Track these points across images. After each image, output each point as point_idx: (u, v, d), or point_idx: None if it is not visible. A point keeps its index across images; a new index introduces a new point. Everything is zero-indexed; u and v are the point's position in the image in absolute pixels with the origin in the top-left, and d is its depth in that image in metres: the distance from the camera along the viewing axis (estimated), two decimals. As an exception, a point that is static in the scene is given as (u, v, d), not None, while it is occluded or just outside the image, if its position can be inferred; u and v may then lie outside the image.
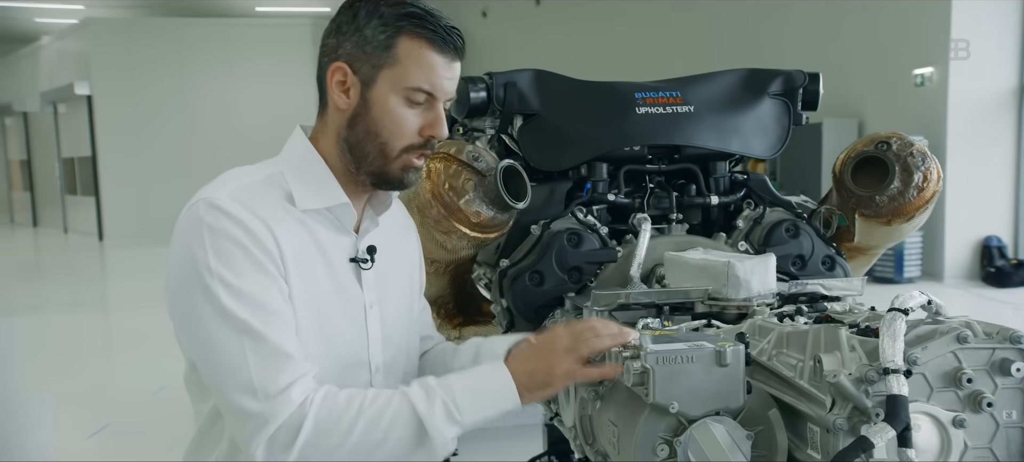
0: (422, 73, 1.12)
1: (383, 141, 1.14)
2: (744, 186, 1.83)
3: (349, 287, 1.19)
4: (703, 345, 1.09)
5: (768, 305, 1.42)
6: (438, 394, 1.07)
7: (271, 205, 1.12)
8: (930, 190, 1.66)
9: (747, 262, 1.42)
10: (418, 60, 1.12)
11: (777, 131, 1.85)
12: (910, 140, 1.70)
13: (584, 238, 1.66)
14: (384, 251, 1.24)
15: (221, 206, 1.07)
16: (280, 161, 1.19)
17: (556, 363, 1.09)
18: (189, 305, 1.07)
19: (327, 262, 1.16)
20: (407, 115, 1.14)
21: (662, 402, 1.06)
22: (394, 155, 1.15)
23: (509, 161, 1.60)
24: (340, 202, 1.17)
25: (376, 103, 1.13)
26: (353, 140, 1.16)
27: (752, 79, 1.88)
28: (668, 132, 1.77)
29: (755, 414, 1.14)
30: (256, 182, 1.14)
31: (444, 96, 1.16)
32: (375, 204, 1.25)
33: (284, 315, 1.08)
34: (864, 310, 1.33)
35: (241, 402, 1.04)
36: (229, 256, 1.05)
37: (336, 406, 1.05)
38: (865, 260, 1.87)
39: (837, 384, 1.02)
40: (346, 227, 1.20)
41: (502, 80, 1.79)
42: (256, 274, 1.06)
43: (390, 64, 1.12)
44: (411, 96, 1.13)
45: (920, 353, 1.04)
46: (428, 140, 1.16)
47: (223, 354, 1.05)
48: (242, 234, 1.06)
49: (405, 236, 1.35)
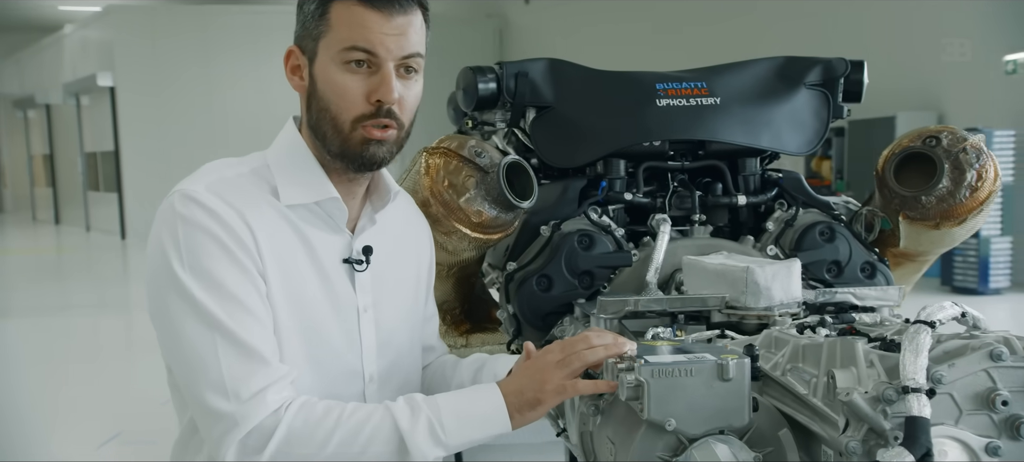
0: (354, 31, 1.13)
1: (333, 114, 1.15)
2: (776, 185, 1.80)
3: (340, 289, 1.20)
4: (704, 357, 1.08)
5: (792, 315, 1.40)
6: (423, 411, 1.08)
7: (252, 198, 1.14)
8: (985, 190, 1.61)
9: (768, 268, 1.39)
10: (349, 20, 1.13)
11: (814, 125, 1.81)
12: (963, 134, 1.65)
13: (596, 240, 1.66)
14: (384, 252, 1.24)
15: (196, 198, 1.10)
16: (268, 154, 1.21)
17: (546, 378, 1.10)
18: (162, 302, 1.09)
19: (315, 261, 1.17)
20: (349, 82, 1.14)
21: (658, 419, 1.06)
22: (347, 128, 1.15)
23: (513, 156, 1.60)
24: (328, 196, 1.18)
25: (320, 76, 1.15)
26: (312, 122, 1.18)
27: (787, 68, 1.84)
28: (691, 126, 1.76)
29: (764, 434, 1.12)
30: (239, 175, 1.16)
31: (388, 54, 1.14)
32: (374, 201, 1.26)
33: (259, 314, 1.09)
34: (897, 323, 1.30)
35: (212, 402, 1.05)
36: (203, 250, 1.07)
37: (312, 416, 1.07)
38: (914, 267, 1.83)
39: (850, 403, 1.00)
40: (339, 225, 1.21)
41: (513, 70, 1.79)
42: (231, 269, 1.08)
43: (326, 32, 1.14)
44: (348, 58, 1.13)
45: (946, 371, 1.01)
46: (378, 106, 1.15)
47: (194, 351, 1.07)
48: (217, 227, 1.08)
49: (413, 237, 1.35)
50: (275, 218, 1.15)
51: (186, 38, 13.78)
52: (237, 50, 14.05)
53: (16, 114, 20.08)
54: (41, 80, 17.30)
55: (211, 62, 13.98)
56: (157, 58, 13.70)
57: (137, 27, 13.77)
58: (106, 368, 5.96)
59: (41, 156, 19.23)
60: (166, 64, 13.71)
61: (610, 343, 1.12)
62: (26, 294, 9.26)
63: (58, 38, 16.56)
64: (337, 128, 1.15)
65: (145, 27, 13.78)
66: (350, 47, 1.12)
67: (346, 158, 1.18)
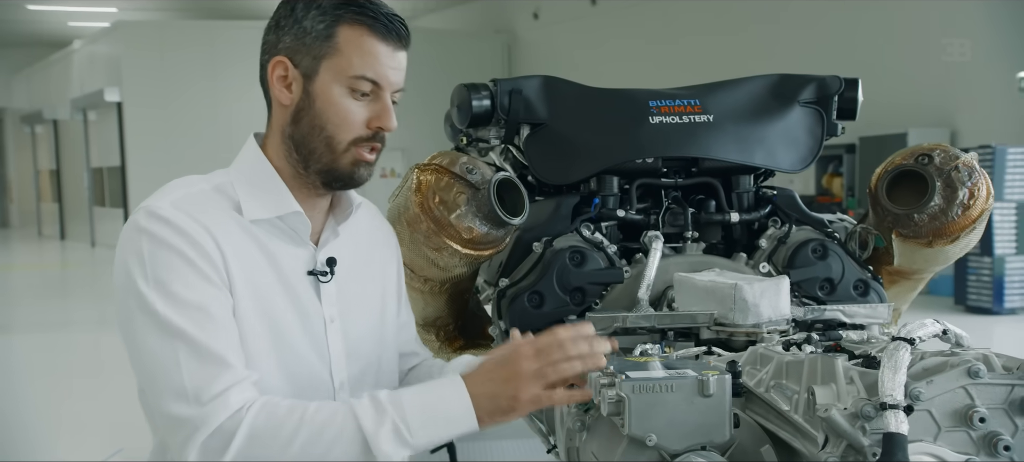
0: (365, 61, 1.17)
1: (329, 134, 1.18)
2: (770, 202, 1.83)
3: (306, 301, 1.22)
4: (685, 373, 1.10)
5: (781, 332, 1.42)
6: (388, 413, 1.08)
7: (216, 214, 1.16)
8: (978, 209, 1.63)
9: (756, 285, 1.42)
10: (360, 48, 1.16)
11: (808, 142, 1.84)
12: (956, 152, 1.67)
13: (588, 257, 1.68)
14: (349, 263, 1.27)
15: (161, 214, 1.12)
16: (231, 171, 1.24)
17: (521, 389, 1.10)
18: (127, 316, 1.12)
19: (279, 275, 1.20)
20: (352, 106, 1.18)
21: (638, 434, 1.08)
22: (342, 148, 1.19)
23: (505, 173, 1.63)
24: (290, 210, 1.21)
25: (319, 95, 1.18)
26: (298, 136, 1.20)
27: (781, 86, 1.87)
28: (684, 143, 1.78)
29: (745, 450, 1.14)
30: (203, 191, 1.19)
31: (390, 86, 1.19)
32: (336, 213, 1.29)
33: (223, 321, 1.11)
34: (883, 341, 1.31)
35: (173, 408, 1.07)
36: (167, 264, 1.10)
37: (275, 416, 1.08)
38: (909, 285, 1.84)
39: (829, 418, 1.02)
40: (302, 238, 1.23)
41: (507, 87, 1.83)
42: (196, 280, 1.10)
43: (331, 54, 1.16)
44: (355, 85, 1.17)
45: (924, 387, 1.03)
46: (376, 132, 1.20)
47: (156, 362, 1.09)
48: (182, 242, 1.11)
49: (379, 246, 1.37)
50: (239, 233, 1.17)
51: (193, 53, 13.90)
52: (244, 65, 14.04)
53: (24, 129, 20.28)
54: (49, 95, 17.49)
55: (218, 77, 14.09)
56: (164, 73, 13.83)
57: (145, 43, 13.91)
58: (108, 384, 6.00)
59: (48, 171, 19.40)
60: (173, 79, 13.83)
61: (586, 354, 1.13)
62: (30, 309, 9.34)
63: (67, 54, 16.76)
64: (331, 147, 1.19)
65: (153, 42, 13.92)
66: (360, 76, 1.17)
67: (330, 175, 1.21)
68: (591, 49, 12.40)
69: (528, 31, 14.11)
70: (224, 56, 14.19)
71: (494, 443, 3.47)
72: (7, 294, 10.79)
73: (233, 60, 14.13)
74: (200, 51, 14.04)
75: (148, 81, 13.82)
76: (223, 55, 14.19)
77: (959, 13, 7.89)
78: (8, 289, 11.33)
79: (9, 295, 10.68)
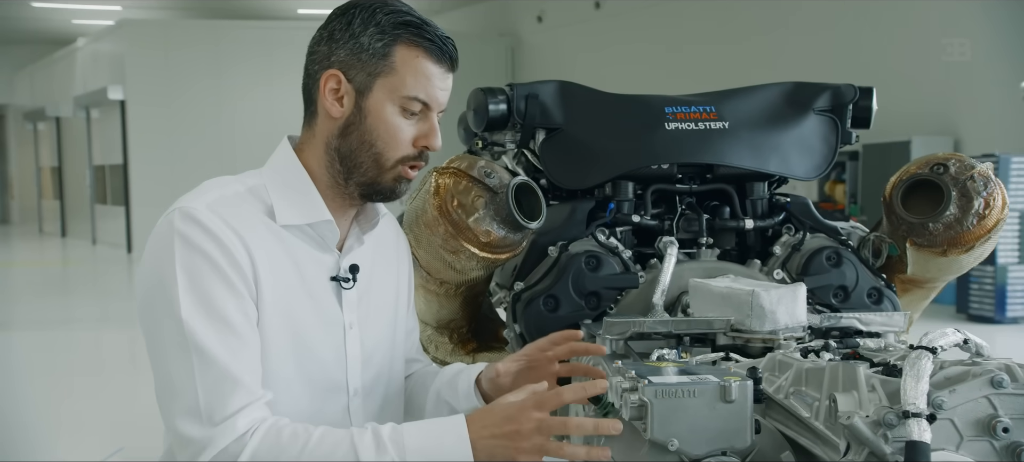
0: (419, 83, 1.19)
1: (378, 151, 1.20)
2: (784, 209, 1.83)
3: (328, 307, 1.23)
4: (707, 379, 1.10)
5: (797, 339, 1.42)
6: (389, 451, 1.08)
7: (250, 219, 1.17)
8: (993, 218, 1.64)
9: (773, 292, 1.42)
10: (415, 70, 1.19)
11: (822, 150, 1.84)
12: (971, 162, 1.67)
13: (603, 261, 1.69)
14: (369, 270, 1.28)
15: (197, 217, 1.12)
16: (264, 173, 1.24)
17: (523, 444, 1.08)
18: (152, 317, 1.12)
19: (305, 281, 1.20)
20: (402, 125, 1.20)
21: (661, 439, 1.08)
22: (389, 165, 1.21)
23: (522, 178, 1.64)
24: (322, 219, 1.21)
25: (371, 112, 1.19)
26: (345, 150, 1.21)
27: (796, 94, 1.88)
28: (699, 150, 1.79)
29: (766, 455, 1.15)
30: (238, 193, 1.19)
31: (438, 107, 1.23)
32: (361, 222, 1.30)
33: (246, 338, 1.12)
34: (901, 349, 1.32)
35: (183, 426, 1.08)
36: (198, 270, 1.10)
37: (278, 442, 1.08)
38: (922, 294, 1.85)
39: (851, 426, 1.03)
40: (328, 245, 1.24)
41: (523, 92, 1.84)
42: (223, 292, 1.11)
43: (387, 72, 1.18)
44: (407, 105, 1.19)
45: (947, 396, 1.03)
46: (422, 151, 1.22)
47: (173, 370, 1.09)
48: (214, 249, 1.11)
49: (395, 255, 1.38)
50: (269, 238, 1.18)
51: (197, 52, 13.91)
52: (248, 65, 14.17)
53: (26, 126, 20.30)
54: (52, 93, 17.50)
55: (222, 77, 14.10)
56: (168, 72, 13.83)
57: (149, 41, 13.92)
58: (111, 382, 6.01)
59: (49, 168, 19.41)
60: (177, 78, 13.83)
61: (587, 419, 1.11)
62: (31, 307, 9.33)
63: (70, 51, 16.77)
64: (378, 163, 1.21)
65: (157, 41, 13.93)
66: (414, 97, 1.19)
67: (371, 189, 1.23)
68: (595, 53, 12.41)
69: (532, 34, 14.12)
70: (229, 56, 14.21)
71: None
72: (7, 291, 10.79)
73: (238, 60, 14.15)
74: (205, 50, 14.05)
75: (152, 79, 13.83)
76: (228, 55, 14.21)
77: (963, 19, 7.90)
78: (8, 286, 11.32)
79: (9, 292, 10.67)
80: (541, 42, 13.94)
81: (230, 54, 14.23)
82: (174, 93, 13.90)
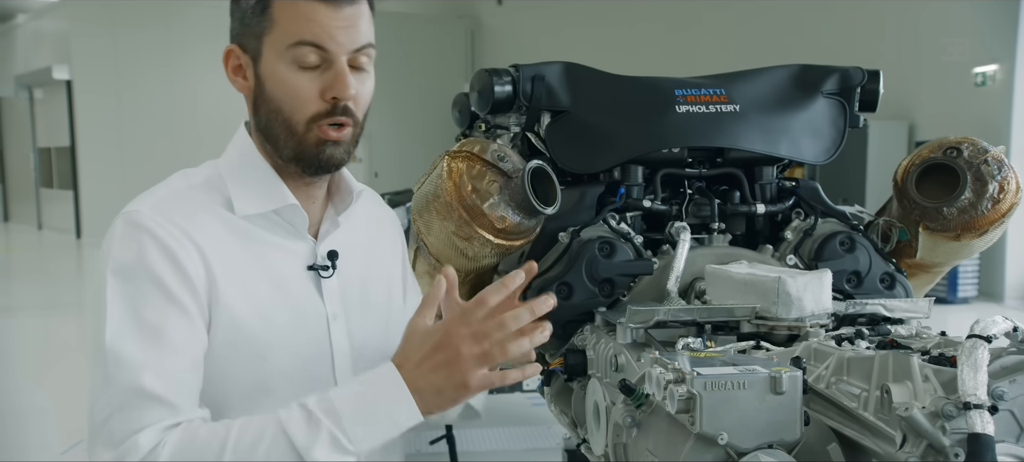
0: (301, 25, 1.06)
1: (285, 116, 1.10)
2: (793, 194, 1.81)
3: (305, 299, 1.15)
4: (756, 370, 1.06)
5: (822, 326, 1.39)
6: (323, 424, 0.99)
7: (200, 215, 1.09)
8: (1007, 202, 1.63)
9: (800, 278, 1.39)
10: (294, 14, 1.07)
11: (831, 134, 1.82)
12: (984, 146, 1.67)
13: (617, 248, 1.64)
14: (352, 254, 1.19)
15: (139, 221, 1.05)
16: (220, 163, 1.16)
17: (468, 376, 1.01)
18: (96, 315, 1.04)
19: (274, 273, 1.12)
20: (300, 80, 1.08)
21: (710, 432, 1.04)
22: (301, 129, 1.10)
23: (538, 162, 1.57)
24: (285, 204, 1.13)
25: (268, 76, 1.10)
26: (262, 125, 1.13)
27: (804, 76, 1.85)
28: (710, 133, 1.75)
29: (812, 448, 1.12)
30: (191, 187, 1.12)
31: (340, 48, 1.08)
32: (336, 203, 1.21)
33: (177, 347, 1.03)
34: (932, 335, 1.30)
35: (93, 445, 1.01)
36: (135, 278, 1.03)
37: (193, 447, 0.99)
38: (927, 278, 1.84)
39: (910, 418, 1.00)
40: (300, 231, 1.16)
41: (529, 73, 1.77)
42: (159, 302, 1.03)
43: (269, 28, 1.08)
44: (298, 56, 1.08)
45: (1007, 387, 1.01)
46: (334, 104, 1.09)
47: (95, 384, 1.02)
48: (156, 255, 1.04)
49: (382, 234, 1.30)
50: (224, 233, 1.10)
51: (148, 32, 13.49)
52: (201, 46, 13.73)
53: (-37, 106, 19.50)
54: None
55: (174, 58, 13.71)
56: (117, 52, 13.40)
57: (96, 19, 13.44)
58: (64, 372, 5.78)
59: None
60: (127, 58, 13.41)
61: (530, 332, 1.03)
62: (-25, 294, 8.97)
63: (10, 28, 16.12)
64: (290, 130, 1.10)
65: (104, 20, 13.46)
66: (298, 42, 1.07)
67: (301, 161, 1.12)
68: (555, 36, 12.38)
69: (492, 17, 14.01)
70: (180, 36, 13.82)
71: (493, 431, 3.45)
72: (-50, 278, 10.36)
73: (190, 41, 13.77)
74: (155, 31, 13.65)
75: (100, 61, 13.41)
76: (179, 35, 13.82)
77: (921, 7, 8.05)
78: (-51, 273, 10.87)
79: (-50, 279, 10.25)
80: (501, 25, 13.83)
81: (181, 34, 13.84)
82: (123, 73, 13.49)
